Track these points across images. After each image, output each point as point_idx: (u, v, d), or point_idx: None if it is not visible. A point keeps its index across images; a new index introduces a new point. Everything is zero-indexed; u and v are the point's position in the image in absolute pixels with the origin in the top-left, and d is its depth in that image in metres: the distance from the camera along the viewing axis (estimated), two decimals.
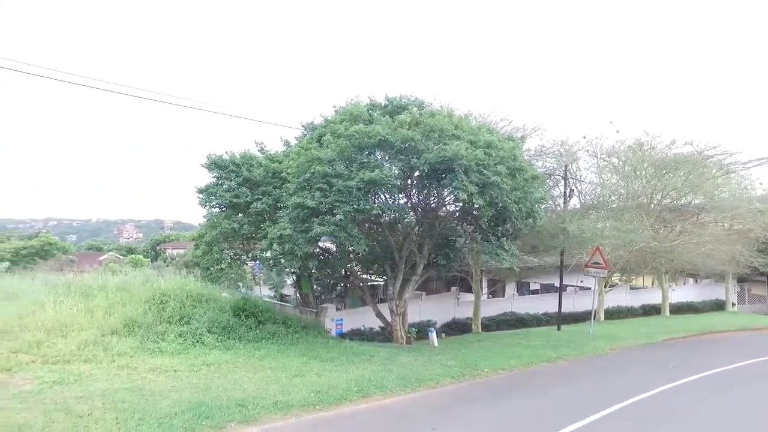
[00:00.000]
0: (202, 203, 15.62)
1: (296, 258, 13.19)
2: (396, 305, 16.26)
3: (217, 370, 10.10)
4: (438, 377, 11.00)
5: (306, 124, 16.80)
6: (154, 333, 11.75)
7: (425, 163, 12.65)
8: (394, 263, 16.27)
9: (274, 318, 14.49)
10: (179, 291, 13.76)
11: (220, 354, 11.35)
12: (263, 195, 14.92)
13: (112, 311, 12.20)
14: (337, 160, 12.83)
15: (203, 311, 13.06)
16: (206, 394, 8.35)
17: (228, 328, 12.88)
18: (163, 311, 12.67)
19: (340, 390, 9.24)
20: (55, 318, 11.33)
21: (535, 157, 22.00)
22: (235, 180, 15.26)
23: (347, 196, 12.45)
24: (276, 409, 7.99)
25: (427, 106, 15.54)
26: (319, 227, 12.40)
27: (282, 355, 11.94)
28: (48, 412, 6.93)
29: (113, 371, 9.32)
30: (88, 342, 10.51)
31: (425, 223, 15.99)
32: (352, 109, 14.17)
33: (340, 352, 12.97)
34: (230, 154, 15.83)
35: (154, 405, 7.59)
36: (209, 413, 7.41)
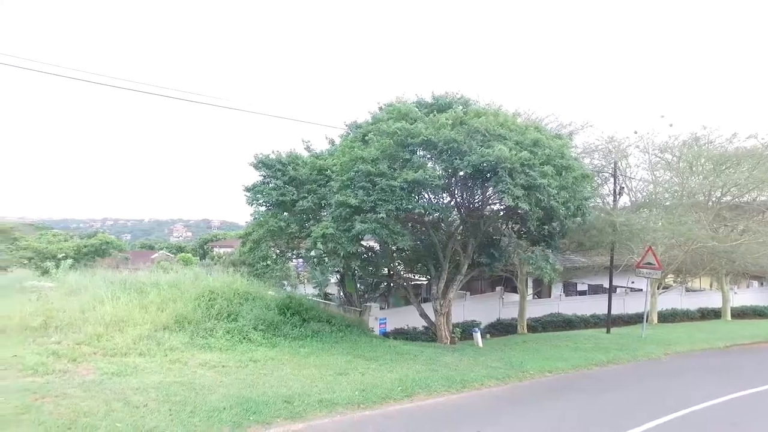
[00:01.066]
0: (250, 201, 15.97)
1: (339, 257, 13.30)
2: (440, 305, 16.14)
3: (263, 367, 10.31)
4: (483, 378, 10.83)
5: (350, 124, 16.92)
6: (203, 329, 12.11)
7: (468, 165, 12.46)
8: (438, 262, 16.15)
9: (319, 316, 14.68)
10: (227, 289, 14.16)
11: (266, 351, 11.59)
12: (308, 193, 15.13)
13: (164, 307, 12.67)
14: (380, 158, 12.84)
15: (250, 309, 13.38)
16: (253, 390, 8.53)
17: (273, 326, 13.15)
18: (212, 308, 13.06)
19: (385, 389, 9.23)
20: (113, 313, 11.87)
21: (583, 154, 21.31)
22: (282, 179, 15.52)
23: (390, 195, 12.44)
24: (321, 406, 8.07)
25: (473, 104, 15.32)
26: (360, 224, 12.44)
27: (326, 353, 12.07)
28: (108, 401, 7.28)
29: (166, 365, 9.68)
30: (142, 336, 10.96)
31: (469, 222, 15.78)
32: (398, 107, 14.09)
33: (384, 351, 12.99)
34: (276, 154, 16.12)
35: (204, 399, 7.82)
36: (256, 409, 7.57)
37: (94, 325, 11.10)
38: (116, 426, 6.36)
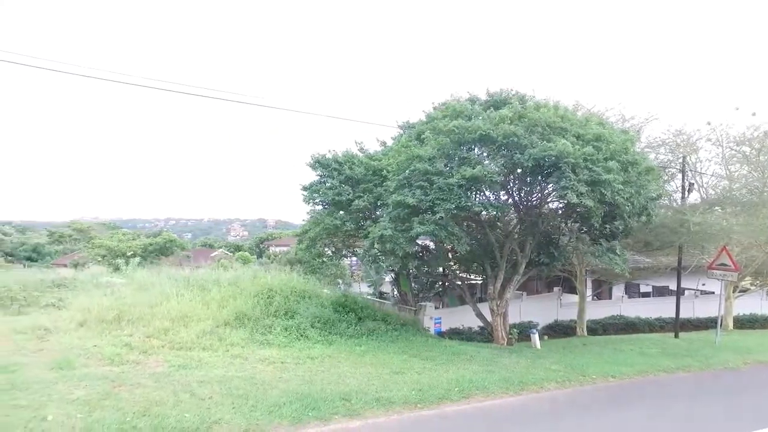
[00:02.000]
0: (306, 200, 16.28)
1: (396, 257, 13.31)
2: (497, 305, 15.82)
3: (321, 364, 10.43)
4: (542, 381, 10.49)
5: (403, 124, 16.91)
6: (262, 326, 12.44)
7: (529, 158, 12.12)
8: (494, 262, 15.84)
9: (374, 315, 14.75)
10: (284, 287, 14.49)
11: (322, 348, 11.75)
12: (364, 192, 15.25)
13: (224, 304, 13.11)
14: (437, 157, 12.73)
15: (306, 306, 13.64)
16: (312, 387, 8.64)
17: (329, 324, 13.32)
18: (270, 305, 13.40)
19: (441, 389, 9.12)
20: (178, 309, 12.41)
21: (647, 149, 20.23)
22: (338, 178, 15.73)
23: (448, 194, 12.30)
24: (378, 405, 8.06)
25: (529, 99, 14.96)
26: (420, 227, 12.39)
27: (382, 352, 12.08)
28: (176, 392, 7.60)
29: (228, 360, 9.99)
30: (205, 332, 11.38)
31: (527, 220, 15.37)
32: (453, 105, 13.94)
33: (440, 351, 12.86)
34: (333, 153, 16.35)
35: (264, 393, 7.99)
36: (315, 405, 7.65)
37: (161, 320, 11.65)
38: (184, 416, 6.62)
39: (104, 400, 6.91)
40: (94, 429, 5.94)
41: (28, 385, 7.33)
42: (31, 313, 12.43)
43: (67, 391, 7.19)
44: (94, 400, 6.87)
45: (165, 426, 6.24)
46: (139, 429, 6.08)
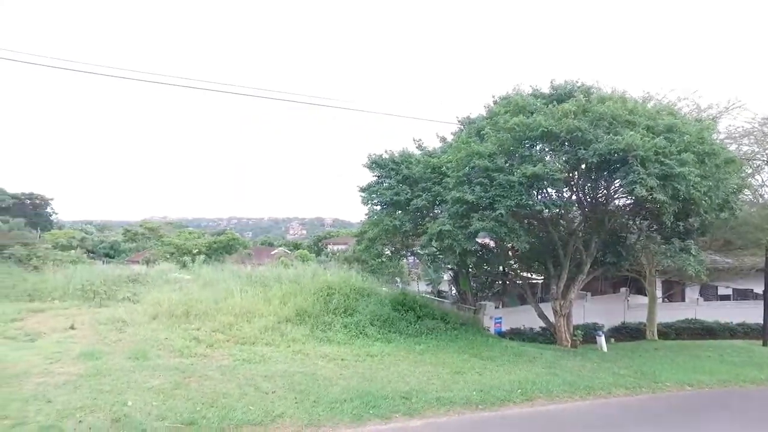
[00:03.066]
0: (364, 201, 16.35)
1: (455, 254, 13.12)
2: (560, 305, 15.26)
3: (380, 362, 10.44)
4: (609, 386, 9.99)
5: (462, 119, 16.64)
6: (322, 323, 12.62)
7: (594, 154, 11.62)
8: (557, 261, 15.29)
9: (433, 313, 14.63)
10: (343, 284, 14.65)
11: (382, 346, 11.76)
12: (423, 192, 15.13)
13: (285, 301, 13.41)
14: (497, 153, 12.44)
15: (365, 304, 13.72)
16: (372, 384, 8.64)
17: (389, 322, 13.33)
18: (330, 303, 13.58)
19: (503, 391, 8.88)
20: (241, 304, 12.83)
21: (727, 140, 18.78)
22: (395, 178, 15.70)
23: (508, 191, 12.00)
24: (439, 404, 7.95)
25: (594, 91, 14.27)
26: (479, 223, 12.14)
27: (442, 351, 11.95)
28: (241, 385, 7.84)
29: (289, 355, 10.20)
30: (267, 327, 11.68)
31: (592, 218, 14.72)
32: (515, 100, 13.58)
33: (501, 351, 12.57)
34: (389, 153, 16.33)
35: (325, 390, 8.07)
36: (375, 403, 7.64)
37: (226, 315, 12.08)
38: (249, 409, 6.80)
39: (176, 390, 7.23)
40: (168, 417, 6.21)
41: (110, 372, 7.84)
42: (110, 306, 13.27)
43: (143, 379, 7.59)
44: (167, 390, 7.21)
45: (231, 417, 6.44)
46: (208, 419, 6.29)
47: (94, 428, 5.75)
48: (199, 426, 6.10)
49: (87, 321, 11.43)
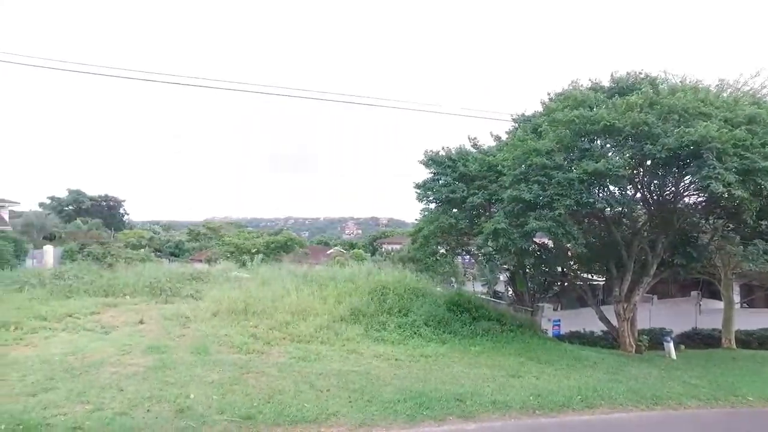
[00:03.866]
0: (420, 198, 16.29)
1: (510, 254, 12.83)
2: (623, 308, 14.56)
3: (435, 363, 10.33)
4: (679, 396, 9.39)
5: (517, 117, 16.23)
6: (377, 322, 12.65)
7: (663, 149, 10.97)
8: (619, 261, 14.59)
9: (488, 314, 14.36)
10: (398, 284, 14.64)
11: (436, 347, 11.64)
12: (479, 189, 14.89)
13: (341, 300, 13.56)
14: (555, 150, 12.03)
15: (420, 304, 13.64)
16: (426, 385, 8.56)
17: (443, 322, 13.19)
18: (384, 303, 13.59)
19: (561, 396, 8.55)
20: (297, 303, 13.08)
21: None
22: (451, 175, 15.53)
23: (567, 189, 11.58)
24: (494, 408, 7.77)
25: (662, 82, 13.47)
26: (536, 222, 11.79)
27: (497, 353, 11.70)
28: (297, 382, 7.98)
29: (344, 354, 10.28)
30: (322, 326, 11.82)
31: (659, 216, 13.92)
32: (574, 95, 13.09)
33: (559, 354, 12.16)
34: (446, 150, 16.17)
35: (379, 389, 8.07)
36: (429, 404, 7.56)
37: (282, 313, 12.36)
38: (305, 406, 6.90)
39: (235, 385, 7.46)
40: (227, 411, 6.41)
41: (174, 365, 8.19)
42: (175, 302, 13.90)
43: (204, 373, 7.89)
44: (226, 384, 7.45)
45: (287, 414, 6.56)
46: (264, 414, 6.44)
47: (161, 418, 6.03)
48: (256, 421, 6.26)
49: (154, 316, 12.04)
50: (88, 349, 8.91)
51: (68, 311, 11.85)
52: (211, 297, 13.55)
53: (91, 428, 5.64)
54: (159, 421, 5.94)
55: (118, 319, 11.75)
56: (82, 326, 10.81)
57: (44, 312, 11.52)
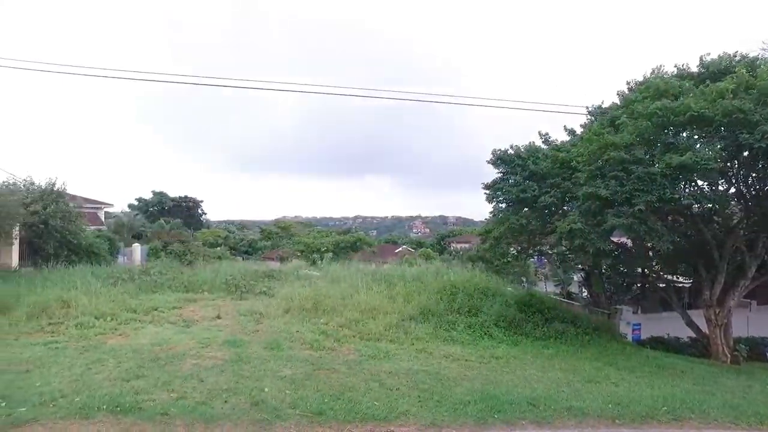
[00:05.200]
0: (489, 199, 15.90)
1: (586, 254, 12.20)
2: (715, 314, 13.43)
3: (506, 365, 10.05)
4: None
5: (593, 109, 15.41)
6: (446, 322, 12.51)
7: (762, 137, 10.02)
8: (710, 262, 13.48)
9: (562, 316, 13.83)
10: (467, 284, 14.43)
11: (507, 348, 11.33)
12: (551, 188, 14.29)
13: (409, 299, 13.54)
14: (635, 144, 11.30)
15: (490, 305, 13.36)
16: (496, 387, 8.32)
17: (514, 323, 12.86)
18: (453, 302, 13.42)
19: (644, 406, 7.97)
20: (366, 301, 13.19)
21: None
22: (521, 174, 15.03)
23: (649, 184, 10.85)
24: (570, 414, 7.39)
25: (762, 64, 12.21)
26: (614, 219, 11.14)
27: (572, 357, 11.21)
28: (366, 380, 8.01)
29: (413, 353, 10.21)
30: (391, 325, 11.84)
31: (758, 213, 12.69)
32: (656, 83, 12.20)
33: (641, 361, 11.44)
34: (515, 148, 15.69)
35: (449, 390, 7.94)
36: (500, 407, 7.33)
37: (352, 311, 12.51)
38: (374, 404, 6.91)
39: (306, 381, 7.62)
40: (299, 405, 6.55)
41: (249, 359, 8.51)
42: (249, 299, 14.49)
43: (277, 368, 8.13)
44: (298, 379, 7.63)
45: (357, 411, 6.59)
46: (335, 411, 6.52)
47: (237, 409, 6.26)
48: (327, 417, 6.34)
49: (230, 312, 12.61)
50: (171, 341, 9.52)
51: (154, 305, 12.73)
52: (283, 294, 13.98)
53: (176, 415, 5.97)
54: (236, 412, 6.17)
55: (197, 313, 12.42)
56: (166, 319, 11.56)
57: (134, 305, 12.47)
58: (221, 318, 11.94)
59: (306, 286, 15.16)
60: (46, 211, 19.99)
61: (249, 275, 17.63)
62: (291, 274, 18.89)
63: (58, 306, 11.75)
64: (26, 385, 6.78)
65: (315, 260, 27.99)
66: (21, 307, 11.51)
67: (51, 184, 21.63)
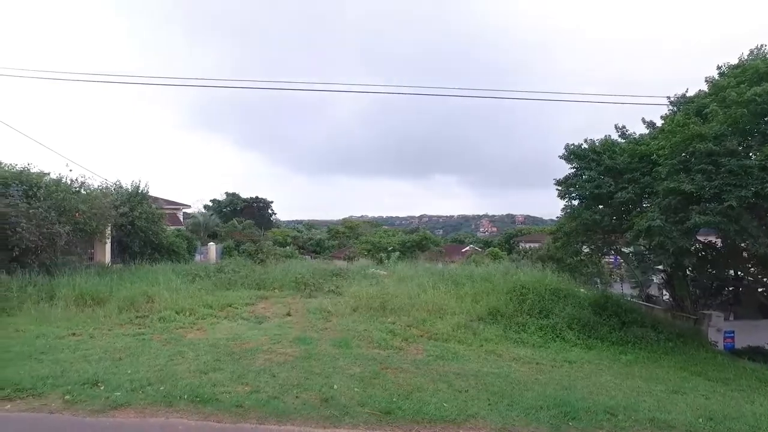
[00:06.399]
0: (561, 195, 15.26)
1: (667, 253, 11.35)
2: None
3: (579, 369, 9.59)
4: None
5: (675, 99, 14.35)
6: (515, 323, 12.18)
7: None
8: None
9: (641, 320, 13.06)
10: (537, 284, 13.98)
11: (581, 352, 10.85)
12: (628, 183, 13.45)
13: (478, 299, 13.29)
14: (727, 134, 10.39)
15: (562, 306, 12.88)
16: (570, 393, 7.93)
17: (588, 326, 12.29)
18: (523, 303, 13.05)
19: (744, 425, 7.17)
20: (433, 301, 13.09)
21: None
22: (596, 169, 14.28)
23: (743, 179, 9.94)
24: (653, 426, 6.87)
25: None
26: (699, 217, 10.31)
27: (654, 364, 10.52)
28: (435, 381, 7.90)
29: (482, 355, 9.99)
30: (459, 325, 11.66)
31: None
32: (755, 65, 11.17)
33: (736, 373, 10.49)
34: (589, 143, 14.96)
35: (520, 394, 7.66)
36: (575, 414, 6.96)
37: (419, 311, 12.45)
38: (443, 405, 6.79)
39: (374, 379, 7.63)
40: (368, 404, 6.56)
41: (318, 356, 8.67)
42: (317, 297, 14.83)
43: (346, 366, 8.20)
44: (366, 378, 7.65)
45: (425, 412, 6.50)
46: (403, 410, 6.46)
47: (308, 405, 6.37)
48: (395, 416, 6.30)
49: (300, 309, 12.95)
50: (245, 337, 9.89)
51: (228, 302, 13.33)
52: (351, 293, 14.18)
53: (250, 407, 6.16)
54: (306, 408, 6.27)
55: (269, 310, 12.86)
56: (240, 315, 12.06)
57: (210, 301, 13.12)
58: (291, 315, 12.28)
59: (373, 284, 15.28)
60: (132, 213, 21.50)
61: (317, 274, 18.05)
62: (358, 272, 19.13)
63: (144, 300, 12.64)
64: (119, 371, 7.31)
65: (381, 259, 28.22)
66: (113, 301, 12.47)
67: (136, 186, 23.21)
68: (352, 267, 22.07)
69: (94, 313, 11.63)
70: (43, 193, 15.91)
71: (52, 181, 17.24)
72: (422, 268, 18.58)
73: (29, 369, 7.35)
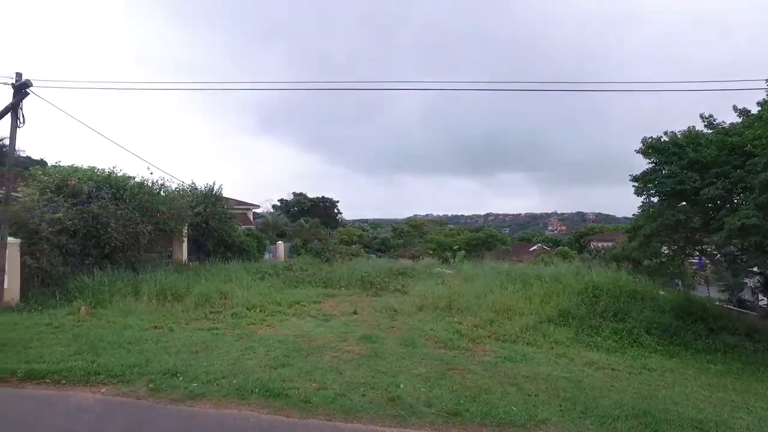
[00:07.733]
0: (638, 192, 14.37)
1: (765, 254, 10.36)
2: None
3: (660, 378, 8.98)
4: None
5: None
6: (588, 326, 11.65)
7: None
8: None
9: (732, 327, 12.10)
10: (611, 285, 13.33)
11: (661, 359, 10.19)
12: (717, 178, 12.39)
13: (547, 300, 12.85)
14: None
15: (639, 309, 12.20)
16: (651, 403, 7.42)
17: (670, 332, 11.56)
18: (596, 305, 12.46)
19: None
20: (501, 301, 12.79)
21: None
22: (678, 163, 13.28)
23: None
24: None
25: None
26: None
27: (749, 377, 9.64)
28: (503, 383, 7.66)
29: (552, 358, 9.60)
30: (528, 326, 11.32)
31: None
32: None
33: None
34: (670, 135, 13.95)
35: (594, 401, 7.26)
36: (657, 426, 6.49)
37: (486, 311, 12.21)
38: (512, 409, 6.56)
39: (440, 380, 7.52)
40: (434, 404, 6.47)
41: (385, 355, 8.67)
42: (383, 295, 14.91)
43: (412, 365, 8.15)
44: (432, 378, 7.56)
45: (494, 415, 6.31)
46: (471, 412, 6.31)
47: (374, 403, 6.37)
48: (463, 418, 6.16)
49: (366, 308, 13.07)
50: (313, 334, 10.10)
51: (296, 299, 13.71)
52: (417, 292, 14.16)
53: (318, 403, 6.25)
54: (373, 406, 6.28)
55: (335, 308, 13.08)
56: (307, 313, 12.36)
57: (279, 298, 13.56)
58: (357, 313, 12.42)
59: (439, 283, 15.17)
60: (206, 212, 22.64)
61: (383, 272, 18.18)
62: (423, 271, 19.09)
63: (218, 297, 13.28)
64: (196, 364, 7.68)
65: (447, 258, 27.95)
66: (190, 297, 13.18)
67: (210, 188, 24.41)
68: (417, 266, 22.02)
69: (173, 307, 12.35)
70: (128, 195, 17.12)
71: (136, 183, 18.48)
72: (488, 268, 18.22)
73: (119, 357, 7.94)
